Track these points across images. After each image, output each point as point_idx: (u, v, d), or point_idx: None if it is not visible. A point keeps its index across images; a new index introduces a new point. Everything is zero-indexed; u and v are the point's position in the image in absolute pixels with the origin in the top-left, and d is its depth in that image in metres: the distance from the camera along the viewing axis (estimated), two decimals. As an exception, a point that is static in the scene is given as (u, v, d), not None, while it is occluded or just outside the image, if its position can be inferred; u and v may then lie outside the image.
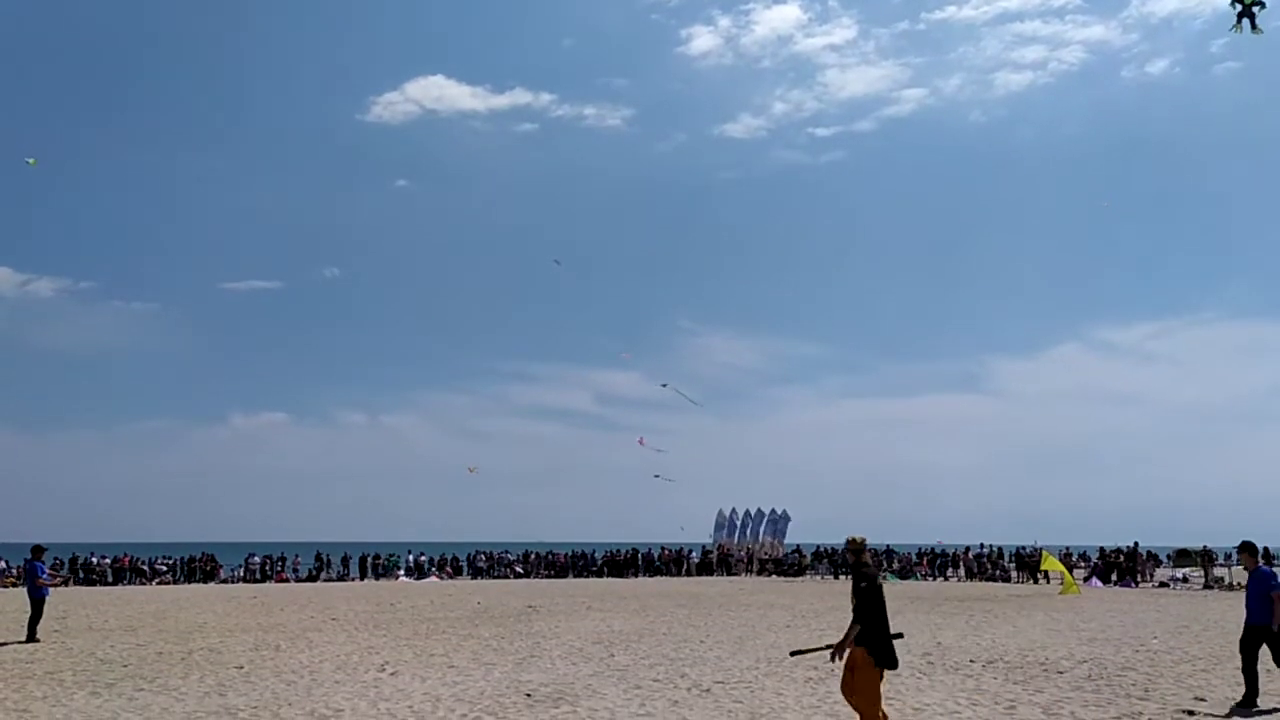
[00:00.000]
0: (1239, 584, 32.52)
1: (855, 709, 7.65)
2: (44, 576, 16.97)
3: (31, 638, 16.11)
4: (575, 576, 42.97)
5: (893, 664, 7.61)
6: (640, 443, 42.78)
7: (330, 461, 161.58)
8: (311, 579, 40.30)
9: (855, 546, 7.69)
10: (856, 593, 7.44)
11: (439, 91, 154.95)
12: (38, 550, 17.22)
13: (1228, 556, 39.80)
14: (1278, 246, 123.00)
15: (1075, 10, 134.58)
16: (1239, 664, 10.14)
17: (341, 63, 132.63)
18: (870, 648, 7.36)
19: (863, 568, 7.55)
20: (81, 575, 38.10)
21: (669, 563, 45.52)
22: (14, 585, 31.85)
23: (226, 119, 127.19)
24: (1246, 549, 10.42)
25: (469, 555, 44.83)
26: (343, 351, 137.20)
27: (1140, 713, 9.58)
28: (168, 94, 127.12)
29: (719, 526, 49.05)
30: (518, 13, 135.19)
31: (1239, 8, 11.47)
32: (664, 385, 44.72)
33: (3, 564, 37.59)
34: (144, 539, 71.31)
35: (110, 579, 38.00)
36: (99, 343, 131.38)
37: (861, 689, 7.42)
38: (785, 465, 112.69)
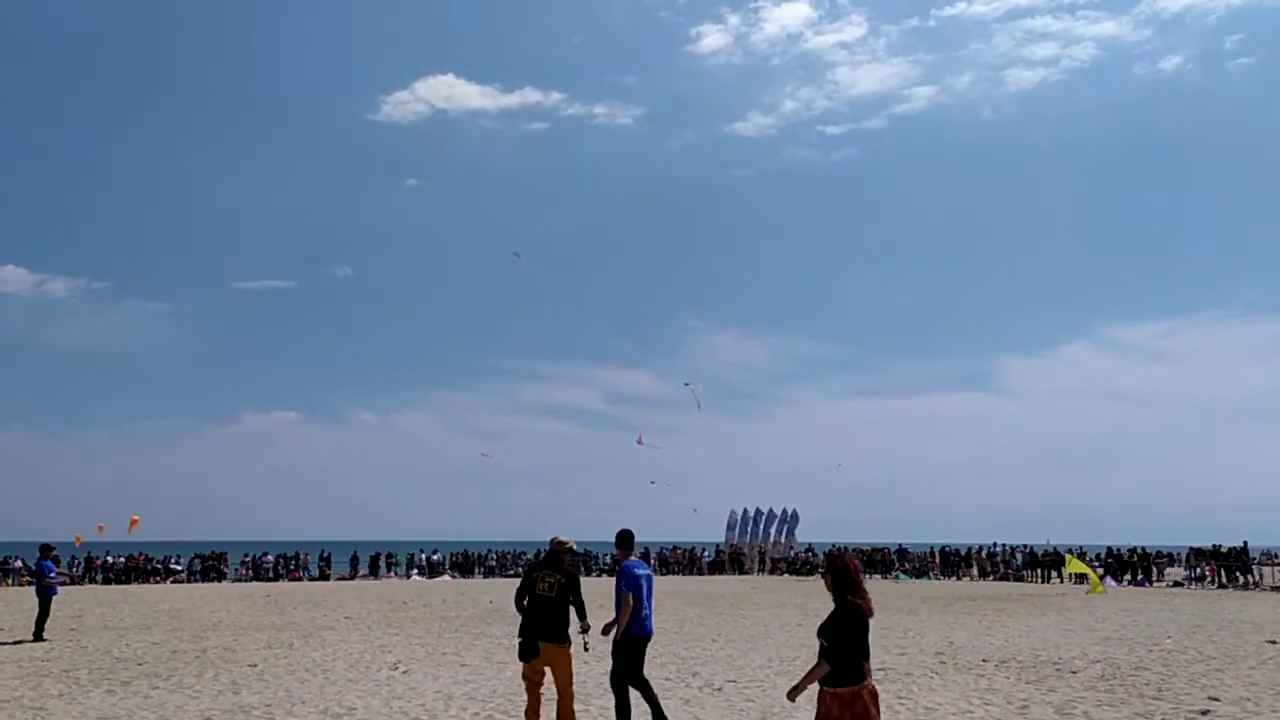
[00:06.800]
0: (1253, 583, 32.38)
1: None
2: (52, 576, 17.08)
3: (39, 637, 16.19)
4: (585, 575, 43.04)
5: None
6: (639, 442, 43.51)
7: (341, 460, 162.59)
8: (324, 578, 40.45)
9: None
10: None
11: (449, 90, 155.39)
12: (46, 549, 17.33)
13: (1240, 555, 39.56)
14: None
15: (1087, 6, 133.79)
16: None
17: (351, 62, 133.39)
18: None
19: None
20: (96, 574, 38.35)
21: (680, 562, 45.53)
22: (29, 584, 32.04)
23: (238, 119, 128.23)
24: (620, 541, 8.28)
25: (480, 554, 44.91)
26: (354, 350, 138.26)
27: (1154, 713, 9.52)
28: (179, 95, 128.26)
29: (730, 526, 49.05)
30: (527, 11, 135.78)
31: None
32: (687, 384, 44.82)
33: (18, 563, 37.69)
34: (156, 538, 71.62)
35: (124, 577, 38.24)
36: (112, 342, 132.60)
37: None
38: (795, 464, 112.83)
